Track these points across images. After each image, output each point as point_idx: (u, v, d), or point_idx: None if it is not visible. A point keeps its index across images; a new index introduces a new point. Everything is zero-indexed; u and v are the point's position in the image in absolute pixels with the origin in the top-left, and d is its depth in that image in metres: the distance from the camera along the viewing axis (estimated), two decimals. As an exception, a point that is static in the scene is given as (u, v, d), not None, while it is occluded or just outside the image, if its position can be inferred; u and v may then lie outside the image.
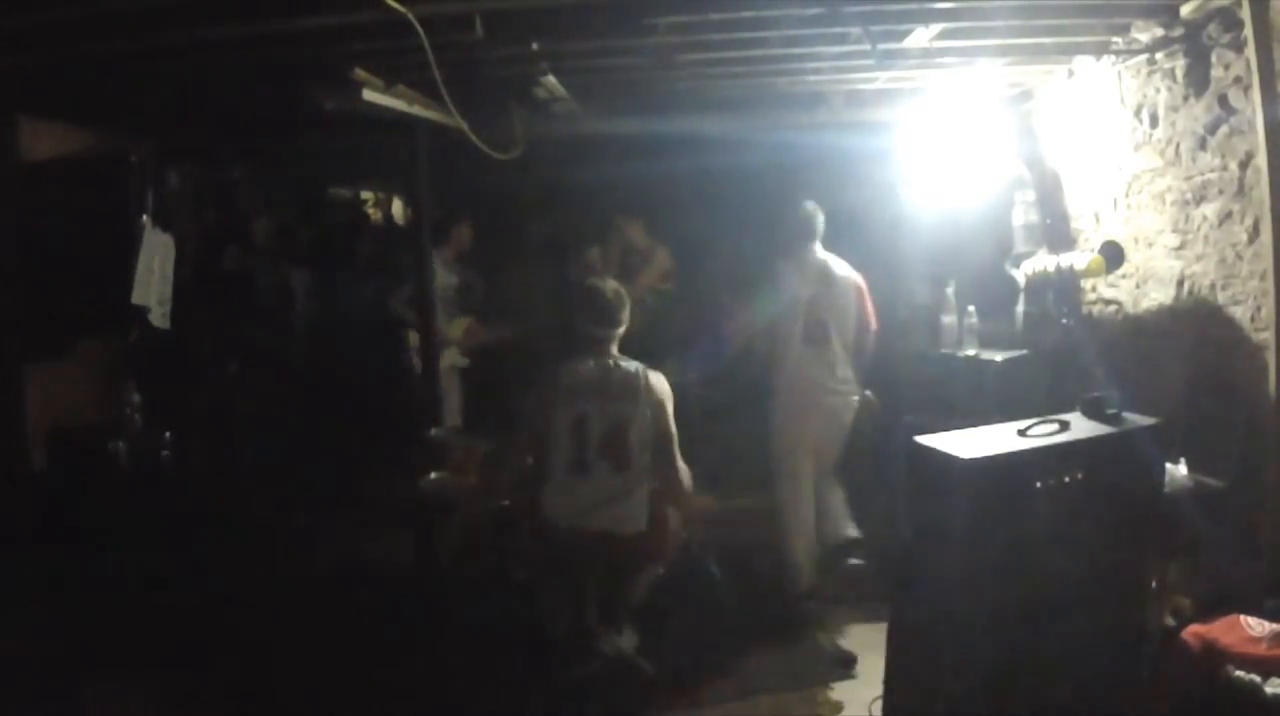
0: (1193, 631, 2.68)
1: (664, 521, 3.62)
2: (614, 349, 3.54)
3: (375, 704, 3.56)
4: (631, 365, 3.51)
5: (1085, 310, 4.22)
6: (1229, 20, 3.12)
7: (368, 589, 4.51)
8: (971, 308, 4.27)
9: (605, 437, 3.42)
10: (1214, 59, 3.24)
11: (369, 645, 3.93)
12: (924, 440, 2.65)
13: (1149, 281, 3.75)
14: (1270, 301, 3.00)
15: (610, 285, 3.58)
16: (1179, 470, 3.15)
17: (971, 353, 4.19)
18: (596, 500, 3.45)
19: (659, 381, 3.50)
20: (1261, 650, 2.51)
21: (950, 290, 4.36)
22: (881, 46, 3.49)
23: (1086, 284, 4.17)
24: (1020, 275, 4.20)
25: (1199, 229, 3.40)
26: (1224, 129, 3.21)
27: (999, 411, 2.98)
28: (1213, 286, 3.35)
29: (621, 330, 3.53)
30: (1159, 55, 3.55)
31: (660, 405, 3.49)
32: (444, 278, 5.38)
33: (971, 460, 2.48)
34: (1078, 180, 4.26)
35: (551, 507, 3.48)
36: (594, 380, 3.44)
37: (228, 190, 6.18)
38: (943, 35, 3.49)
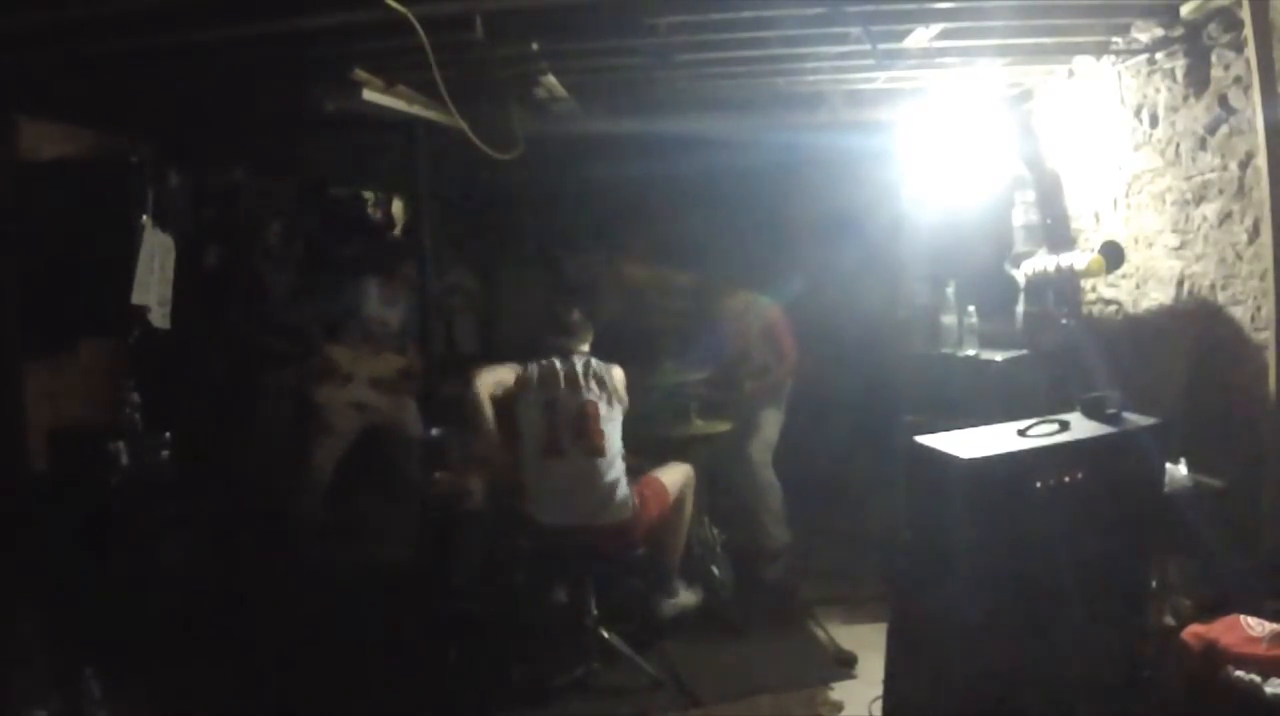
0: (1193, 631, 2.67)
1: (651, 506, 3.79)
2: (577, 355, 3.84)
3: (375, 703, 3.56)
4: (595, 360, 3.83)
5: (1085, 310, 4.22)
6: (1229, 20, 3.12)
7: (368, 588, 4.52)
8: (971, 307, 4.27)
9: (576, 422, 3.65)
10: (1214, 59, 3.24)
11: (369, 644, 3.93)
12: (924, 440, 2.66)
13: (1149, 281, 3.75)
14: (1270, 301, 3.00)
15: (575, 312, 3.93)
16: (1179, 470, 3.14)
17: (971, 352, 4.19)
18: (573, 487, 3.60)
19: (620, 372, 3.86)
20: (1261, 650, 2.50)
21: (950, 290, 4.35)
22: (881, 46, 3.48)
23: (1086, 284, 4.17)
24: (1020, 275, 4.19)
25: (1199, 229, 3.40)
26: (1224, 129, 3.21)
27: (999, 411, 2.97)
28: (1213, 286, 3.35)
29: (586, 346, 3.90)
30: (1159, 55, 3.54)
31: (624, 395, 3.83)
32: (380, 311, 4.98)
33: (971, 460, 2.48)
34: (1078, 180, 4.26)
35: (531, 502, 3.64)
36: (562, 372, 3.74)
37: (228, 190, 6.15)
38: (943, 35, 3.48)
